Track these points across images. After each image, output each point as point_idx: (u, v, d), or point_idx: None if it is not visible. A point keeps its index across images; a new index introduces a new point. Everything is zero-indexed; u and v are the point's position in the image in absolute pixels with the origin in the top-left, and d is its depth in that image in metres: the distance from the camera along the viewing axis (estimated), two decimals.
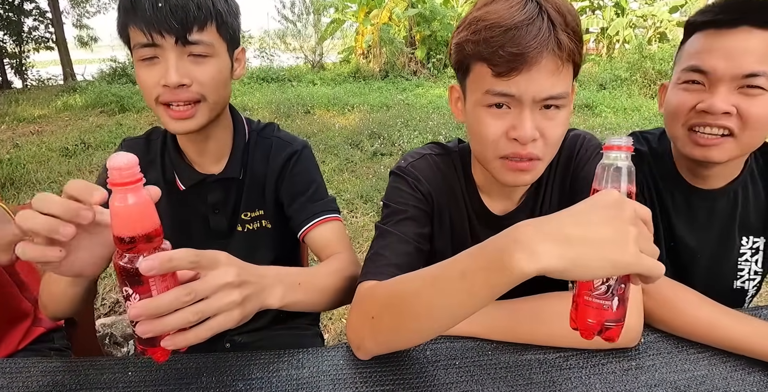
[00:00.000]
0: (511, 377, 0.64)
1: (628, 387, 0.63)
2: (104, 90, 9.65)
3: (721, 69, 0.77)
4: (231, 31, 0.85)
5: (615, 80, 10.76)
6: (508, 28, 0.62)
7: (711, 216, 0.93)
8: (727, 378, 0.65)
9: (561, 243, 0.47)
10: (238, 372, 0.65)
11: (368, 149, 5.21)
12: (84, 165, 5.00)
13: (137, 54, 0.79)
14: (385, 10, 12.30)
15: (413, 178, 0.83)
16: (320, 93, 9.21)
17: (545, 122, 0.67)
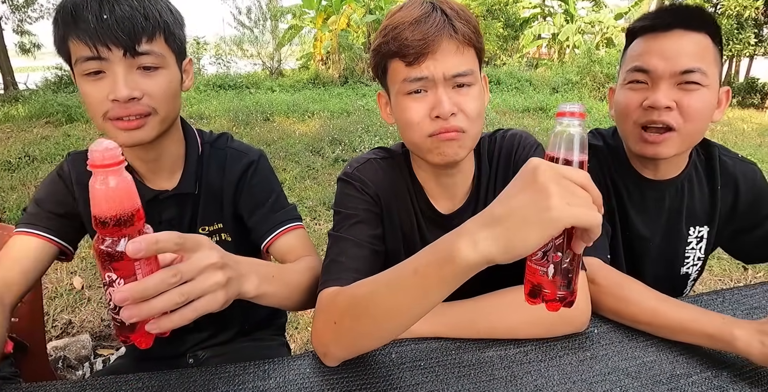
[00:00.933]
0: (474, 374, 0.66)
1: (584, 377, 0.66)
2: (50, 99, 9.19)
3: (660, 68, 0.86)
4: (178, 42, 0.82)
5: (566, 84, 11.22)
6: (409, 23, 0.71)
7: (661, 206, 1.00)
8: (673, 362, 0.70)
9: (492, 226, 0.49)
10: (203, 387, 0.64)
11: (329, 155, 5.20)
12: (29, 179, 4.72)
13: (80, 68, 0.75)
14: (343, 17, 12.35)
15: (360, 182, 0.86)
16: (279, 100, 9.12)
17: (459, 98, 0.74)
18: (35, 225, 0.86)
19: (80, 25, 0.71)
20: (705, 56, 0.86)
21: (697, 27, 0.86)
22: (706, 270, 2.82)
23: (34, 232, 0.85)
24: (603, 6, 16.37)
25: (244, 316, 1.09)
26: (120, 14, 0.72)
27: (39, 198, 0.90)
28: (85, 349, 2.09)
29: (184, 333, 1.03)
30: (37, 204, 0.89)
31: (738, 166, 1.00)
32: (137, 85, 0.75)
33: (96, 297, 2.50)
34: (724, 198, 1.00)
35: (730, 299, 0.86)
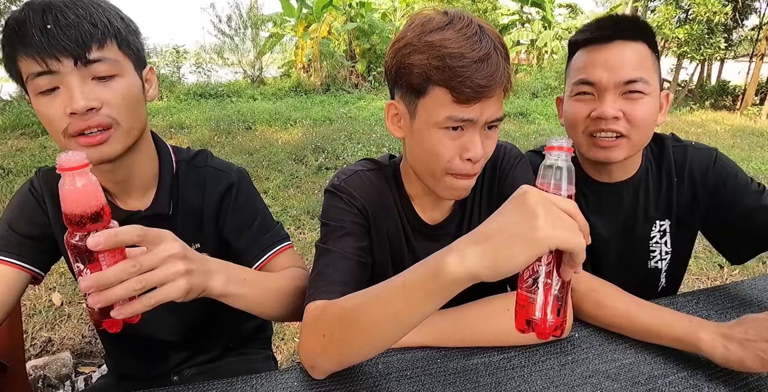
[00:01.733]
0: (460, 382, 0.67)
1: (566, 380, 0.68)
2: (24, 110, 8.94)
3: (605, 79, 0.89)
4: (134, 49, 0.78)
5: (545, 88, 11.42)
6: (474, 61, 0.66)
7: (618, 206, 1.03)
8: (651, 363, 0.72)
9: (480, 243, 0.52)
10: None
11: (313, 164, 5.19)
12: (5, 193, 4.58)
13: (33, 86, 0.70)
14: (324, 25, 12.39)
15: (347, 194, 0.85)
16: (261, 108, 9.07)
17: (486, 141, 0.74)
18: (7, 251, 0.82)
19: (26, 40, 0.68)
20: (645, 65, 0.89)
21: (636, 37, 0.90)
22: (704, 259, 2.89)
23: (5, 260, 0.81)
24: (579, 12, 16.78)
25: (231, 333, 1.09)
26: (65, 23, 0.68)
27: (10, 219, 0.85)
28: (65, 367, 2.04)
29: (169, 350, 1.01)
30: (9, 226, 0.84)
31: (690, 153, 1.02)
32: (94, 94, 0.71)
33: (76, 314, 2.45)
34: (682, 189, 1.02)
35: (705, 300, 0.90)
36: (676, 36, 10.45)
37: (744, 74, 11.64)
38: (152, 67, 0.83)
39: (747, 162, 5.60)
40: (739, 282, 0.98)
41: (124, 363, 1.07)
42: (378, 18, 13.27)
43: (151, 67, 0.83)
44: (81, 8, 0.70)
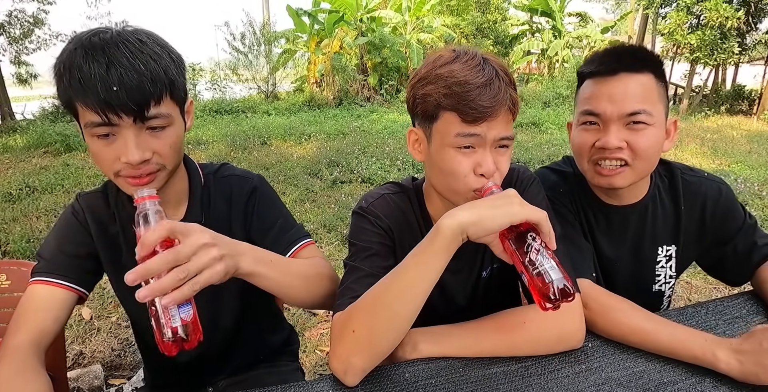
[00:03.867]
0: (481, 389, 0.72)
1: (580, 388, 0.73)
2: (47, 129, 9.19)
3: (609, 111, 0.93)
4: (182, 92, 0.83)
5: (557, 98, 11.41)
6: (476, 86, 0.76)
7: (625, 229, 1.08)
8: (661, 371, 0.77)
9: (470, 208, 0.71)
10: None
11: (328, 178, 5.26)
12: (30, 210, 4.73)
13: (90, 131, 0.75)
14: (335, 40, 12.61)
15: (374, 216, 0.92)
16: (275, 123, 9.23)
17: (499, 157, 0.81)
18: (57, 274, 0.87)
19: (89, 93, 0.71)
20: (650, 96, 0.93)
21: (641, 68, 0.93)
22: (701, 280, 2.88)
23: (57, 282, 0.87)
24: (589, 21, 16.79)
25: (261, 345, 1.15)
26: (129, 85, 0.71)
27: (58, 242, 0.91)
28: (97, 379, 2.13)
29: (203, 362, 1.07)
30: (58, 249, 0.90)
31: (704, 184, 1.06)
32: (147, 145, 0.77)
33: (105, 328, 2.54)
34: (690, 217, 1.06)
35: (713, 310, 0.93)
36: (688, 42, 10.41)
37: (760, 78, 11.53)
38: (191, 100, 0.90)
39: (765, 168, 5.53)
40: (747, 291, 1.02)
41: (160, 374, 1.14)
42: (389, 32, 13.46)
43: (191, 100, 0.90)
44: (141, 62, 0.73)
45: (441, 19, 15.43)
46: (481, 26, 16.29)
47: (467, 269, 0.99)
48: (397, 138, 7.40)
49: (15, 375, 0.73)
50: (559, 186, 1.08)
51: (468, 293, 1.01)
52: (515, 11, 17.35)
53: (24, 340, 0.79)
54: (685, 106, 11.37)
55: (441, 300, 0.99)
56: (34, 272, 0.88)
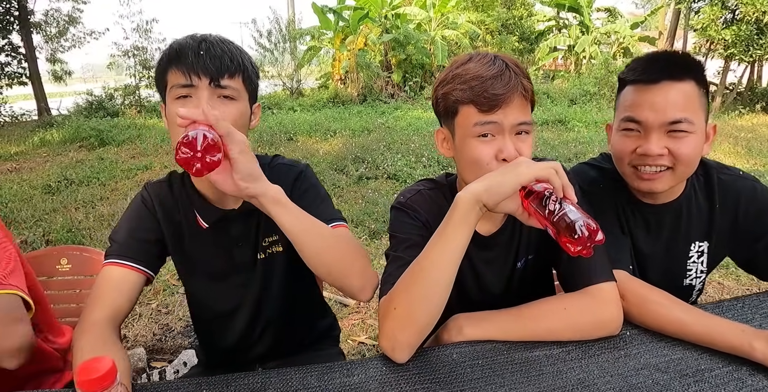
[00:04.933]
0: (525, 370, 0.78)
1: (620, 371, 0.77)
2: (82, 124, 9.49)
3: (650, 119, 0.95)
4: (252, 86, 0.96)
5: (584, 95, 11.20)
6: (488, 78, 0.84)
7: (660, 226, 1.10)
8: (698, 358, 0.80)
9: (482, 181, 0.79)
10: (299, 383, 0.77)
11: (353, 174, 5.31)
12: (69, 201, 4.92)
13: (173, 93, 0.89)
14: (360, 36, 12.65)
15: (412, 210, 0.99)
16: (301, 119, 9.33)
17: (519, 143, 0.87)
18: (129, 257, 0.95)
19: (181, 59, 0.87)
20: (691, 104, 0.94)
21: (683, 76, 0.94)
22: (734, 281, 2.85)
23: (129, 265, 0.94)
24: (618, 16, 16.41)
25: (307, 329, 1.22)
26: (212, 53, 0.88)
27: (129, 227, 1.00)
28: (141, 362, 2.24)
29: (254, 344, 1.15)
30: (129, 234, 0.98)
31: (738, 182, 1.07)
32: (216, 108, 0.87)
33: (146, 313, 2.66)
34: (724, 214, 1.08)
35: (749, 304, 0.96)
36: (722, 38, 10.12)
37: None
38: (259, 104, 1.01)
39: None
40: None
41: (213, 354, 1.22)
42: (413, 28, 13.45)
43: (259, 104, 1.01)
44: (227, 47, 0.91)
45: (466, 15, 15.32)
46: (506, 22, 16.11)
47: (502, 260, 1.04)
48: (421, 135, 7.41)
49: (97, 346, 0.81)
50: (599, 182, 1.11)
51: (502, 283, 1.06)
52: (541, 7, 17.07)
53: (101, 316, 0.87)
54: (719, 104, 11.04)
55: (476, 290, 1.04)
56: (108, 255, 0.96)
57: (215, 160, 0.72)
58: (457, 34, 13.64)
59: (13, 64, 14.56)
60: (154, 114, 11.83)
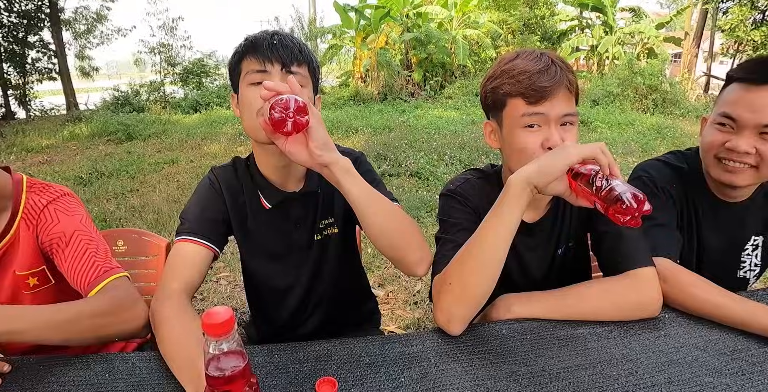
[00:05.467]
0: (572, 345, 0.83)
1: (661, 348, 0.82)
2: (110, 119, 9.73)
3: (746, 118, 0.98)
4: (315, 77, 1.04)
5: (607, 96, 11.07)
6: (535, 72, 0.91)
7: (729, 223, 1.14)
8: (734, 339, 0.85)
9: (532, 164, 0.83)
10: (363, 351, 0.84)
11: (376, 171, 5.38)
12: (101, 193, 5.09)
13: (247, 79, 0.96)
14: (381, 35, 12.72)
15: (462, 197, 1.06)
16: (323, 117, 9.41)
17: (565, 133, 0.93)
18: (200, 234, 1.02)
19: (255, 48, 0.96)
20: None
21: None
22: None
23: (200, 241, 1.01)
24: (643, 16, 16.18)
25: (354, 310, 1.31)
26: (284, 44, 0.96)
27: (199, 208, 1.06)
28: None
29: (305, 320, 1.22)
30: (199, 213, 1.05)
31: None
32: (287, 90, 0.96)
33: None
34: None
35: None
36: (751, 38, 9.95)
37: None
38: (320, 96, 1.08)
39: None
40: None
41: (266, 331, 1.30)
42: (434, 27, 13.46)
43: (320, 96, 1.08)
44: (295, 40, 1.00)
45: (488, 14, 15.26)
46: (528, 22, 16.02)
47: (543, 246, 1.10)
48: (443, 133, 7.45)
49: (179, 313, 0.89)
50: (673, 181, 1.15)
51: (543, 269, 1.12)
52: (564, 6, 16.92)
53: (177, 287, 0.95)
54: None
55: (519, 274, 1.11)
56: (180, 232, 1.04)
57: (304, 121, 0.78)
58: (479, 33, 13.62)
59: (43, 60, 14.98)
60: (179, 110, 12.07)
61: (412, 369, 0.79)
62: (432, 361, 0.81)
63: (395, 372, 0.79)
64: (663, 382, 0.75)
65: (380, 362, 0.82)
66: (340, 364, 0.82)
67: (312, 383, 0.76)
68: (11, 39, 14.36)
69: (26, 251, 1.03)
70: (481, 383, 0.76)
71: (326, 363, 0.82)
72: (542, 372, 0.78)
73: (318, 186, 1.11)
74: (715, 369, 0.78)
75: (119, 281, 0.99)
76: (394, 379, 0.77)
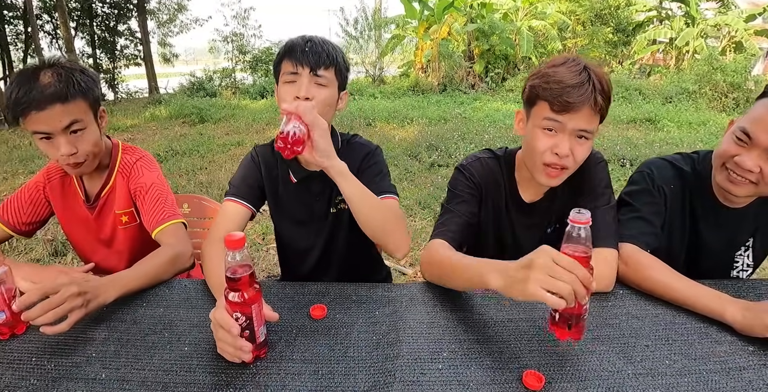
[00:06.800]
0: (522, 305, 1.00)
1: (599, 313, 0.96)
2: (185, 102, 10.45)
3: (761, 139, 1.01)
4: (342, 77, 1.20)
5: (682, 93, 10.41)
6: (567, 86, 1.00)
7: (729, 225, 1.21)
8: (675, 315, 0.97)
9: (504, 278, 0.79)
10: (353, 291, 1.06)
11: (426, 160, 5.53)
12: (174, 169, 5.61)
13: (284, 78, 1.15)
14: (444, 26, 12.68)
15: (469, 173, 1.24)
16: (381, 106, 9.63)
17: (577, 146, 1.06)
18: (241, 196, 1.27)
19: (291, 53, 1.14)
20: None
21: None
22: None
23: (241, 202, 1.26)
24: (732, 6, 14.88)
25: (366, 274, 1.52)
26: (314, 50, 1.13)
27: (242, 176, 1.31)
28: None
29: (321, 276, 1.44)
30: (242, 180, 1.30)
31: None
32: (311, 92, 1.13)
33: None
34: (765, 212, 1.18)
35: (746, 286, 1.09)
36: None
37: None
38: (347, 92, 1.27)
39: None
40: None
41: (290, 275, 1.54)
42: (499, 18, 13.20)
43: (347, 91, 1.27)
44: (325, 47, 1.15)
45: (556, 4, 14.71)
46: (600, 12, 15.24)
47: (537, 225, 1.27)
48: (497, 127, 7.43)
49: (219, 253, 1.13)
50: (671, 182, 1.21)
51: (534, 245, 1.26)
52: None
53: (220, 236, 1.18)
54: None
55: (513, 250, 1.27)
56: (226, 194, 1.30)
57: (299, 150, 0.97)
58: (545, 24, 13.21)
59: (130, 47, 16.32)
60: (247, 95, 12.75)
61: (386, 307, 1.01)
62: (403, 303, 1.03)
63: (373, 308, 1.01)
64: (590, 338, 0.89)
65: (363, 300, 1.05)
66: (332, 298, 1.06)
67: (308, 307, 1.01)
68: (104, 28, 15.76)
69: (121, 196, 1.37)
70: (436, 321, 0.96)
71: (322, 297, 1.07)
72: (489, 319, 0.96)
73: None
74: (642, 334, 0.91)
75: (176, 226, 1.30)
76: (371, 312, 1.00)
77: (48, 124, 1.16)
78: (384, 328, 0.94)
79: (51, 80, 1.15)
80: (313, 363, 0.84)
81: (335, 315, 0.99)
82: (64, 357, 0.87)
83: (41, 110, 1.13)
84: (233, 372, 0.81)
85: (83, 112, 1.21)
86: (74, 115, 1.19)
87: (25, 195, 1.39)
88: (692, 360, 0.83)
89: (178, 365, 0.84)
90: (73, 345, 0.91)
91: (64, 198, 1.40)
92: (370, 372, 0.81)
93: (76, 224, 1.42)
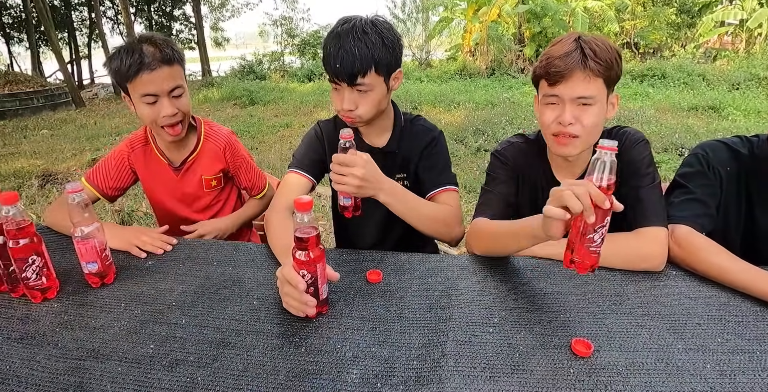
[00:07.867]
0: (572, 278, 1.02)
1: (652, 292, 0.97)
2: (236, 85, 10.78)
3: None
4: (388, 66, 1.18)
5: (751, 79, 9.73)
6: (555, 57, 1.06)
7: None
8: (729, 297, 0.96)
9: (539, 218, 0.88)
10: (407, 260, 1.12)
11: (472, 145, 5.51)
12: None
13: (331, 85, 1.21)
14: (494, 8, 12.34)
15: (504, 157, 1.28)
16: (427, 90, 9.59)
17: (579, 112, 1.08)
18: (303, 168, 1.35)
19: (328, 68, 1.17)
20: None
21: None
22: None
23: (302, 174, 1.35)
24: None
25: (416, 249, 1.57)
26: (346, 63, 1.12)
27: (305, 149, 1.39)
28: None
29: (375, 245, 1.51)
30: (305, 153, 1.38)
31: None
32: (353, 101, 1.18)
33: None
34: None
35: None
36: None
37: None
38: (401, 69, 1.27)
39: None
40: None
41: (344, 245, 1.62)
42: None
43: (400, 69, 1.27)
44: (359, 50, 1.12)
45: None
46: None
47: None
48: None
49: (282, 220, 1.23)
50: (727, 165, 1.20)
51: None
52: None
53: (284, 205, 1.29)
54: None
55: None
56: (290, 166, 1.39)
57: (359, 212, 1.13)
58: (602, 5, 12.58)
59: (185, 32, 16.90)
60: (295, 79, 12.97)
61: (439, 275, 1.07)
62: (455, 272, 1.08)
63: (426, 276, 1.07)
64: (640, 313, 0.91)
65: (417, 268, 1.11)
66: (387, 265, 1.13)
67: (365, 273, 1.08)
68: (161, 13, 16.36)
69: (209, 162, 1.56)
70: (486, 289, 1.01)
71: (378, 264, 1.14)
72: (539, 291, 0.99)
73: (397, 147, 1.38)
74: (695, 313, 0.91)
75: (270, 190, 1.68)
76: (424, 279, 1.06)
77: (157, 85, 1.31)
78: (437, 294, 0.99)
79: (153, 49, 1.30)
80: (371, 321, 0.90)
81: (390, 280, 1.05)
82: (148, 304, 0.98)
83: (152, 70, 1.29)
84: (298, 325, 0.89)
85: (181, 77, 1.38)
86: (177, 80, 1.35)
87: (111, 162, 1.54)
88: (746, 340, 0.83)
89: (248, 315, 0.93)
90: (155, 295, 1.01)
91: (147, 164, 1.56)
92: (424, 331, 0.87)
93: (161, 186, 1.59)
